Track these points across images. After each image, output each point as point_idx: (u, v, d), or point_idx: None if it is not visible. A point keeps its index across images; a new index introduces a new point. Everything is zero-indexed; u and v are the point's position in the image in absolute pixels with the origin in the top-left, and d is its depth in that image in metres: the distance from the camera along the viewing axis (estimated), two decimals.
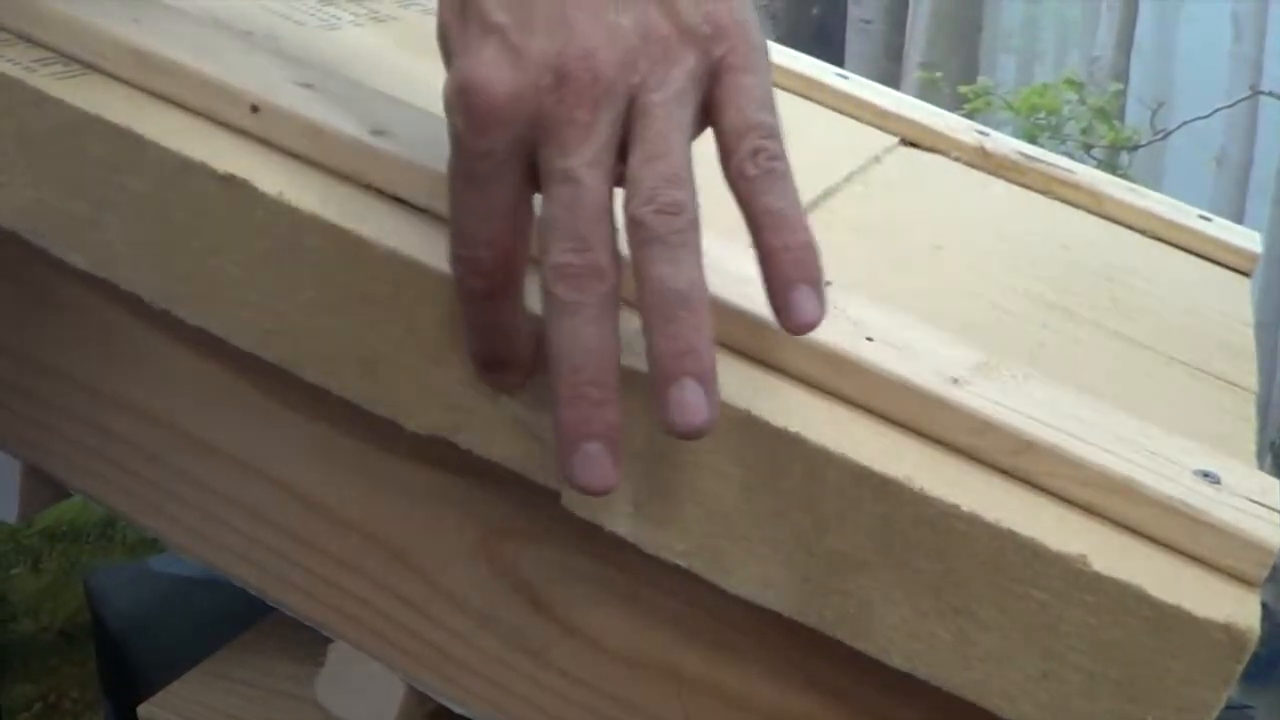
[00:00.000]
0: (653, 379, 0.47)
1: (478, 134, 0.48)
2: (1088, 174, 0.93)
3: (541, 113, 0.48)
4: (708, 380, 0.47)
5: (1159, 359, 0.70)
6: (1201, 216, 0.94)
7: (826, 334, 0.55)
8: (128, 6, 0.65)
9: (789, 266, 0.49)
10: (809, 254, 0.50)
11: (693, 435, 0.47)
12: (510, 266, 0.50)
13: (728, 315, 0.55)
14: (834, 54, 2.16)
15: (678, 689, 0.60)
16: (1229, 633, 0.47)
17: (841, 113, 0.94)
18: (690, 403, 0.46)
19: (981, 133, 0.95)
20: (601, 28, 0.49)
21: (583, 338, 0.48)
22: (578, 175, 0.48)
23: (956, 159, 0.92)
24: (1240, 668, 0.48)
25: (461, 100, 0.48)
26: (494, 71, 0.48)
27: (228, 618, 0.81)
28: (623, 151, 0.49)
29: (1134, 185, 0.95)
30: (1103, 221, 0.91)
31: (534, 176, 0.49)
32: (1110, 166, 2.11)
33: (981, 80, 2.16)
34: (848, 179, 0.80)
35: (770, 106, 0.52)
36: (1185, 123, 2.08)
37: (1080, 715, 0.50)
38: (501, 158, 0.48)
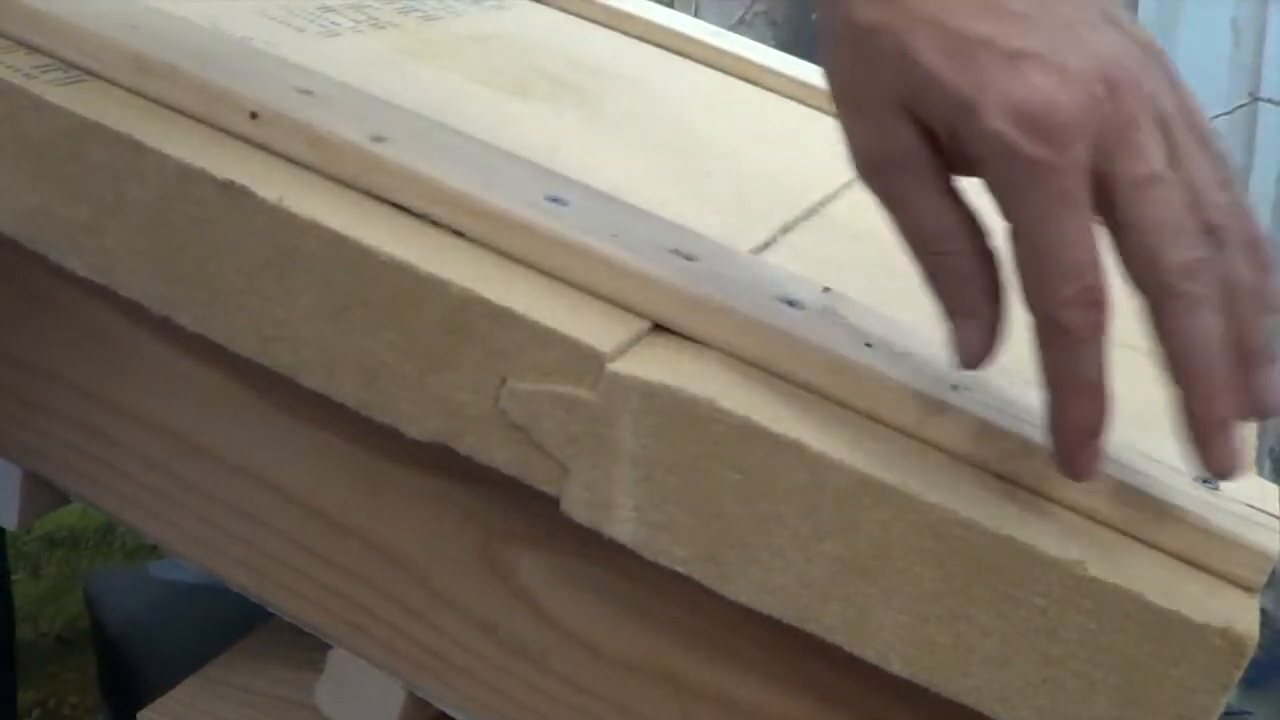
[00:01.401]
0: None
1: (1063, 150, 0.46)
2: None
3: (1105, 125, 0.47)
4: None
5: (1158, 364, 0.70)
6: None
7: (827, 340, 0.55)
8: (127, 13, 0.65)
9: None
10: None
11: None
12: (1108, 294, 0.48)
13: (729, 321, 0.55)
14: None
15: (677, 695, 0.60)
16: (1228, 638, 0.47)
17: None
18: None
19: None
20: (1107, 40, 0.48)
21: (1217, 330, 0.48)
22: (1164, 176, 0.47)
23: None
24: (1239, 673, 0.48)
25: (1033, 123, 0.46)
26: (1052, 89, 0.46)
27: (227, 624, 0.81)
28: None
29: None
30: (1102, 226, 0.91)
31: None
32: None
33: None
34: (847, 185, 0.80)
35: None
36: None
37: None
38: (1084, 174, 0.46)
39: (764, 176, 0.78)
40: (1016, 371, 0.57)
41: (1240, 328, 0.48)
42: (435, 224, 0.58)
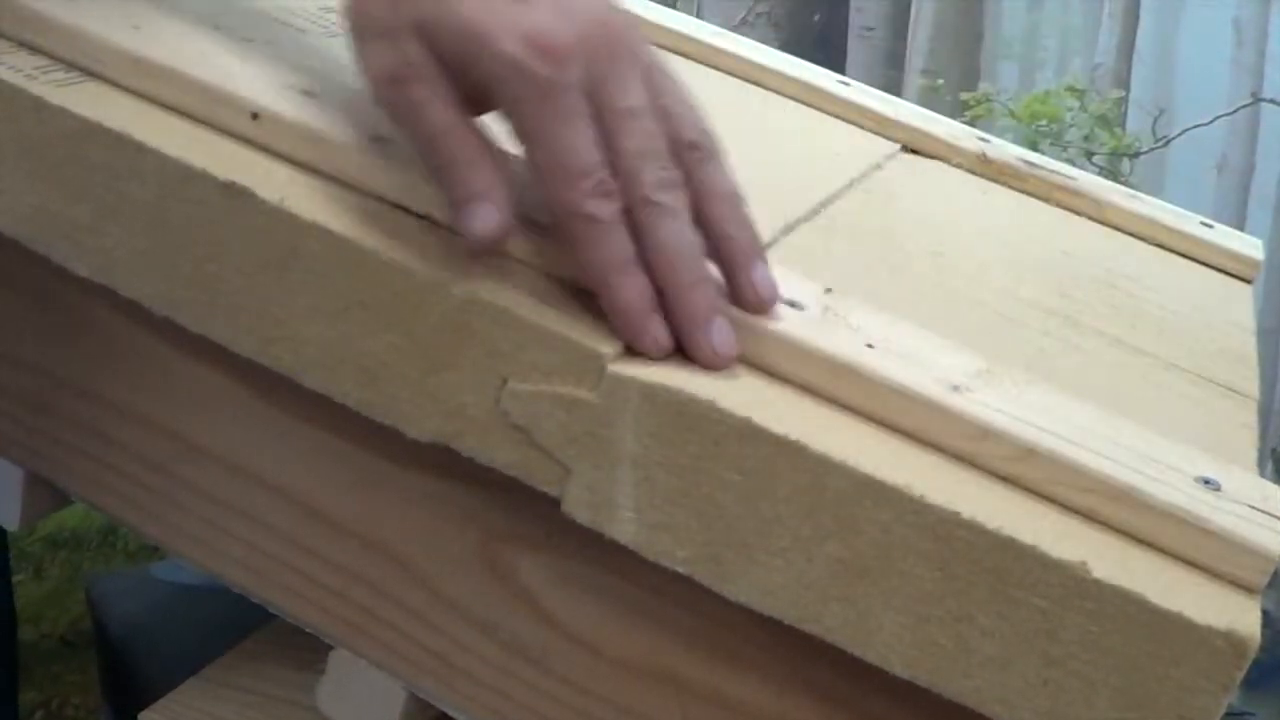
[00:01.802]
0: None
1: (561, 69, 0.53)
2: (1089, 181, 0.94)
3: (598, 57, 0.54)
4: None
5: (1160, 365, 0.70)
6: (1203, 223, 0.94)
7: (827, 341, 0.55)
8: (128, 14, 0.65)
9: None
10: None
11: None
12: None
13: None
14: (836, 61, 2.16)
15: (678, 696, 0.60)
16: (1230, 640, 0.47)
17: (843, 120, 0.94)
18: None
19: (983, 140, 0.95)
20: (600, 3, 0.57)
21: (687, 235, 0.55)
22: (645, 109, 0.56)
23: (958, 166, 0.92)
24: (1241, 675, 0.48)
25: (536, 44, 0.53)
26: (555, 22, 0.54)
27: (229, 625, 0.81)
28: None
29: (1135, 192, 0.95)
30: (1104, 228, 0.91)
31: None
32: (1112, 173, 2.11)
33: (983, 87, 2.16)
34: (849, 186, 0.80)
35: None
36: (1186, 130, 2.07)
37: None
38: (580, 92, 0.54)
39: (765, 177, 0.77)
40: (1019, 373, 0.57)
41: (723, 229, 0.57)
42: (436, 224, 0.58)
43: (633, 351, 0.54)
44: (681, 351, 0.55)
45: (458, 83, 0.55)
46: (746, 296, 0.56)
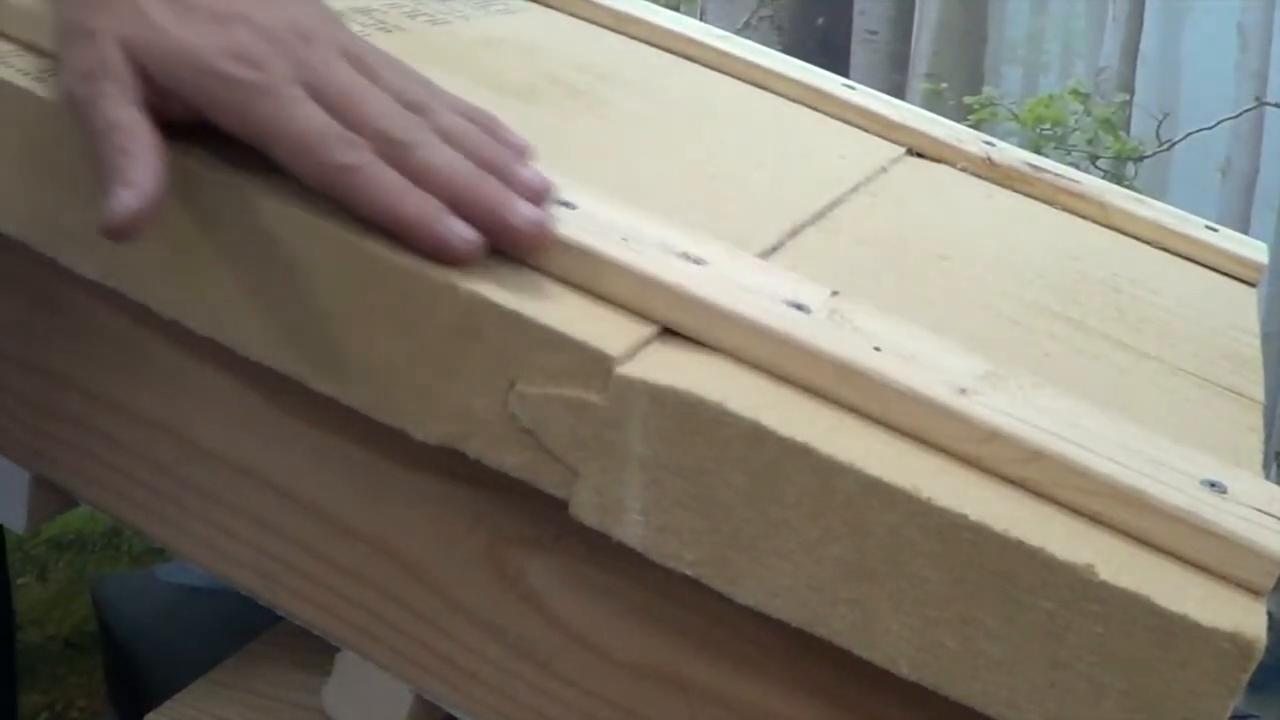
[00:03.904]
0: None
1: (268, 70, 0.57)
2: (1094, 184, 0.94)
3: (302, 57, 0.58)
4: None
5: (1165, 369, 0.70)
6: (1208, 227, 0.94)
7: (834, 344, 0.55)
8: None
9: None
10: None
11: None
12: None
13: (736, 325, 0.55)
14: (839, 65, 2.16)
15: (685, 699, 0.60)
16: (1236, 642, 0.47)
17: (848, 123, 0.94)
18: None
19: (988, 143, 0.95)
20: (298, 8, 0.61)
21: (450, 153, 0.58)
22: (362, 83, 0.59)
23: (963, 170, 0.92)
24: (1247, 677, 0.48)
25: (241, 56, 0.57)
26: (253, 35, 0.58)
27: (234, 627, 0.81)
28: None
29: (1140, 196, 0.95)
30: (1109, 232, 0.91)
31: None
32: (1116, 177, 2.11)
33: (986, 91, 2.16)
34: (854, 189, 0.80)
35: None
36: (1190, 133, 2.07)
37: None
38: (293, 84, 0.58)
39: (771, 180, 0.78)
40: (1025, 376, 0.57)
41: (477, 154, 0.59)
42: None
43: (638, 353, 0.54)
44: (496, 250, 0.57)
45: (150, 92, 0.57)
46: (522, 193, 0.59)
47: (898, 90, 2.17)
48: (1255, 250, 0.93)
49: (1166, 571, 0.50)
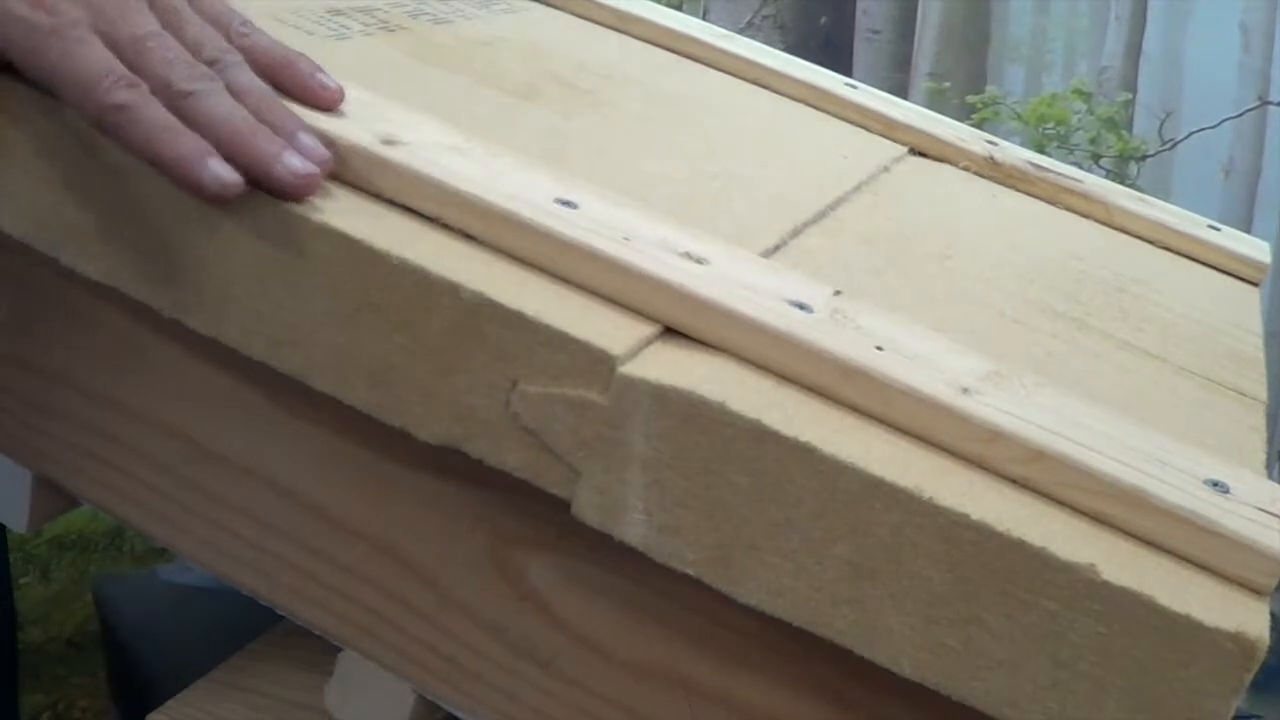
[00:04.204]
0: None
1: (60, 14, 0.58)
2: (1097, 184, 0.94)
3: (99, 5, 0.60)
4: None
5: (1168, 368, 0.70)
6: (1211, 226, 0.94)
7: (837, 344, 0.55)
8: None
9: None
10: None
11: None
12: None
13: (739, 324, 0.55)
14: (842, 64, 2.16)
15: (688, 699, 0.60)
16: (1238, 642, 0.47)
17: (851, 122, 0.94)
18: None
19: (991, 143, 0.95)
20: None
21: (230, 103, 0.59)
22: (157, 33, 0.60)
23: (966, 169, 0.92)
24: (1250, 677, 0.48)
25: (37, 3, 0.59)
26: None
27: (236, 627, 0.81)
28: None
29: (1143, 195, 0.95)
30: (1112, 231, 0.91)
31: None
32: (1119, 176, 2.11)
33: (989, 90, 2.16)
34: (857, 189, 0.80)
35: None
36: (1193, 133, 2.07)
37: None
38: (86, 29, 0.59)
39: (773, 179, 0.78)
40: (1028, 376, 0.57)
41: (259, 113, 0.59)
42: (445, 227, 0.58)
43: (640, 352, 0.54)
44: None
45: None
46: (320, 98, 0.62)
47: (900, 89, 2.17)
48: (1258, 250, 0.93)
49: (1169, 571, 0.50)
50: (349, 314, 0.57)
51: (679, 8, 1.64)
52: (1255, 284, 0.90)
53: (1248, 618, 0.48)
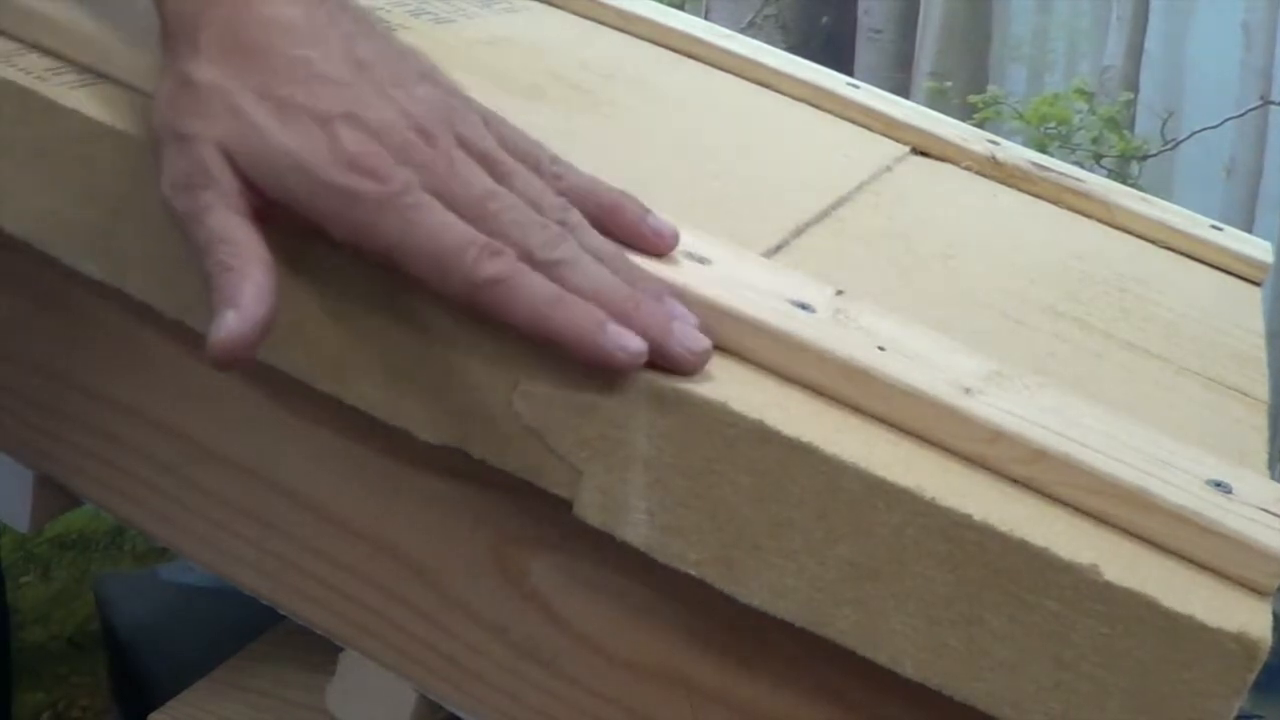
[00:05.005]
0: None
1: (389, 181, 0.53)
2: (1099, 183, 0.93)
3: (427, 161, 0.54)
4: None
5: (1170, 368, 0.70)
6: (1213, 226, 0.94)
7: (839, 344, 0.55)
8: (139, 15, 0.65)
9: None
10: None
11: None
12: None
13: (741, 324, 0.55)
14: (844, 63, 2.16)
15: (689, 699, 0.60)
16: (1241, 642, 0.47)
17: (852, 122, 0.94)
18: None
19: (993, 142, 0.95)
20: (419, 96, 0.57)
21: (596, 271, 0.54)
22: (496, 190, 0.55)
23: (968, 169, 0.92)
24: (1252, 677, 0.48)
25: (358, 166, 0.53)
26: (366, 138, 0.54)
27: (238, 626, 0.81)
28: None
29: (1145, 195, 0.95)
30: (1114, 231, 0.91)
31: None
32: (1120, 176, 2.11)
33: (991, 90, 2.16)
34: (859, 189, 0.80)
35: None
36: (1195, 132, 2.07)
37: None
38: (420, 192, 0.53)
39: (775, 179, 0.77)
40: (1029, 376, 0.57)
41: (623, 277, 0.54)
42: None
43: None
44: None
45: (257, 201, 0.54)
46: (652, 245, 0.58)
47: (902, 89, 2.17)
48: (1260, 249, 0.92)
49: (1171, 572, 0.50)
50: (351, 314, 0.57)
51: (681, 7, 1.64)
52: (1257, 284, 0.90)
53: (1250, 618, 0.48)
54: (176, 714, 0.76)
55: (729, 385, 0.53)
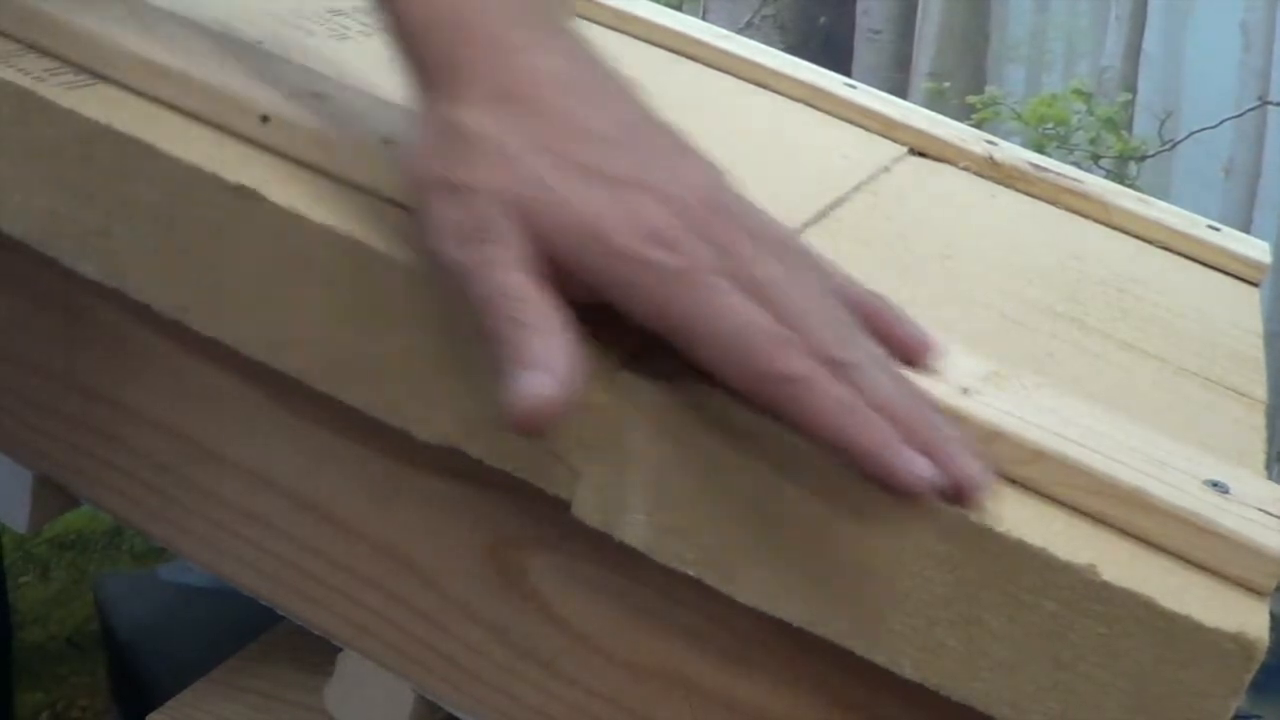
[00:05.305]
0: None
1: (690, 256, 0.50)
2: (1097, 184, 0.93)
3: (715, 239, 0.51)
4: None
5: (1168, 369, 0.70)
6: (1210, 226, 0.94)
7: None
8: (138, 16, 0.65)
9: None
10: None
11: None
12: None
13: None
14: (842, 64, 2.16)
15: (687, 698, 0.60)
16: (1238, 642, 0.47)
17: (850, 122, 0.94)
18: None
19: (990, 143, 0.95)
20: (693, 167, 0.55)
21: (888, 382, 0.50)
22: (781, 276, 0.52)
23: (965, 169, 0.92)
24: (1250, 677, 0.48)
25: (656, 238, 0.50)
26: (665, 210, 0.51)
27: (237, 627, 0.81)
28: None
29: (1143, 195, 0.95)
30: (1112, 232, 0.91)
31: None
32: (1119, 177, 2.11)
33: (989, 90, 2.16)
34: (856, 189, 0.80)
35: None
36: (1193, 133, 2.07)
37: None
38: (715, 271, 0.50)
39: (772, 180, 0.77)
40: (1027, 376, 0.57)
41: (901, 385, 0.51)
42: None
43: (643, 354, 0.54)
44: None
45: (542, 263, 0.50)
46: (909, 354, 0.55)
47: (900, 89, 2.17)
48: (1258, 250, 0.93)
49: (1169, 572, 0.50)
50: (349, 313, 0.56)
51: (678, 8, 1.64)
52: (1255, 284, 0.90)
53: (1248, 618, 0.48)
54: (175, 714, 0.76)
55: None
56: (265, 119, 0.60)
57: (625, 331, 0.54)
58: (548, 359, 0.48)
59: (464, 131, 0.52)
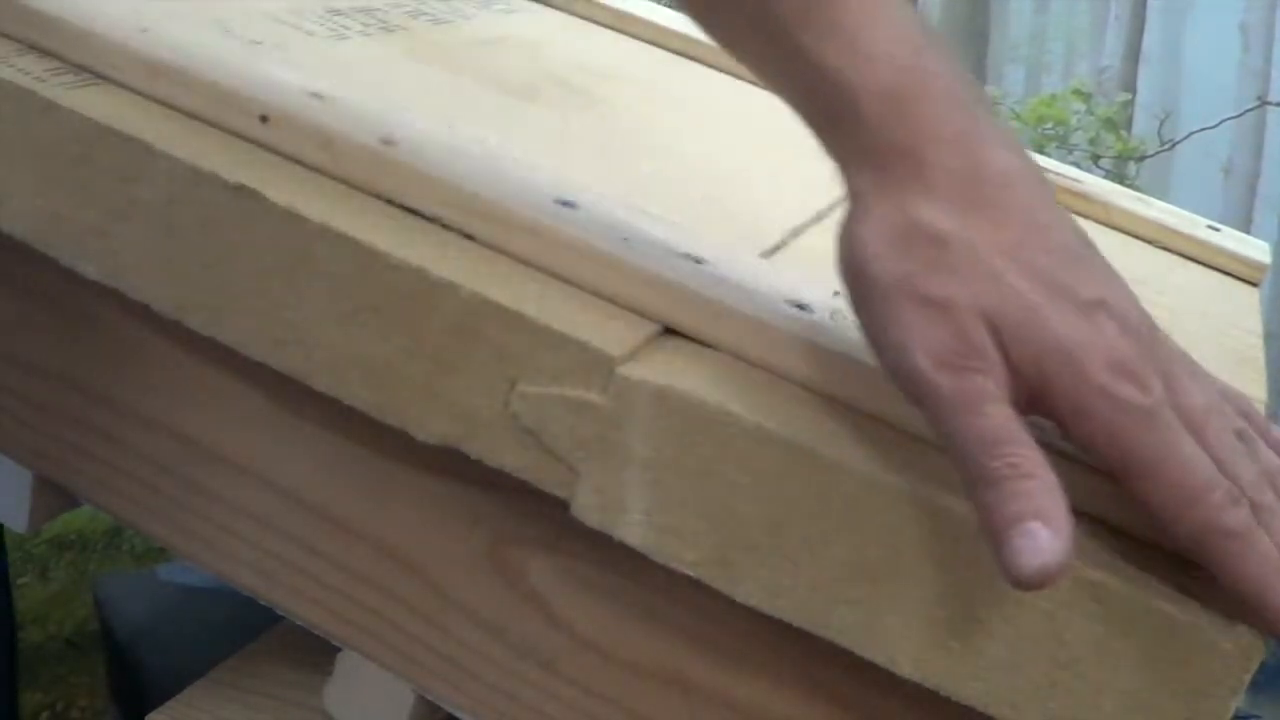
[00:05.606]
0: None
1: (1154, 393, 0.48)
2: (1096, 184, 0.93)
3: (1160, 368, 0.50)
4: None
5: None
6: (1210, 227, 0.94)
7: (836, 344, 0.55)
8: (138, 16, 0.65)
9: None
10: None
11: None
12: None
13: (736, 323, 0.55)
14: None
15: (687, 698, 0.60)
16: (1237, 643, 0.47)
17: None
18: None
19: None
20: (1120, 284, 0.53)
21: None
22: (1213, 407, 0.51)
23: None
24: (1249, 677, 0.48)
25: (1123, 371, 0.48)
26: (1130, 343, 0.49)
27: (236, 627, 0.81)
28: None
29: (1142, 195, 0.95)
30: (1111, 232, 0.91)
31: None
32: (1118, 177, 2.11)
33: (989, 90, 2.16)
34: None
35: None
36: (1193, 133, 2.08)
37: None
38: (1170, 410, 0.49)
39: (772, 179, 0.78)
40: None
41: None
42: (445, 227, 0.58)
43: (639, 352, 0.54)
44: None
45: (1019, 388, 0.48)
46: None
47: None
48: (1258, 250, 0.93)
49: (1168, 572, 0.50)
50: (348, 313, 0.56)
51: None
52: (1255, 284, 0.90)
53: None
54: (175, 714, 0.76)
55: (726, 385, 0.53)
56: (265, 119, 0.60)
57: (625, 331, 0.54)
58: (1053, 512, 0.45)
59: (933, 233, 0.49)
